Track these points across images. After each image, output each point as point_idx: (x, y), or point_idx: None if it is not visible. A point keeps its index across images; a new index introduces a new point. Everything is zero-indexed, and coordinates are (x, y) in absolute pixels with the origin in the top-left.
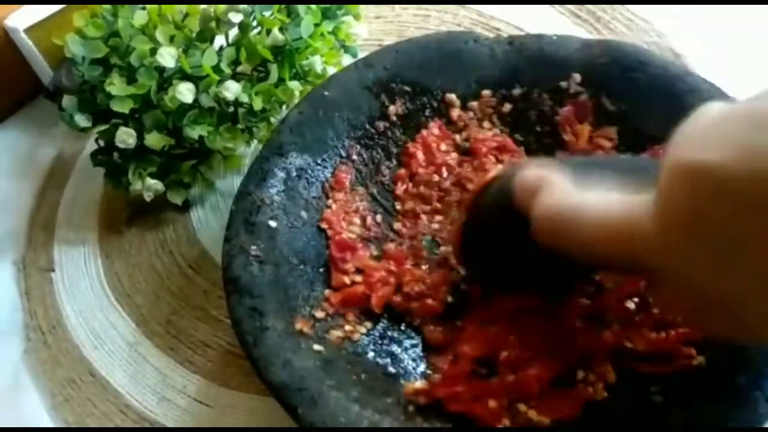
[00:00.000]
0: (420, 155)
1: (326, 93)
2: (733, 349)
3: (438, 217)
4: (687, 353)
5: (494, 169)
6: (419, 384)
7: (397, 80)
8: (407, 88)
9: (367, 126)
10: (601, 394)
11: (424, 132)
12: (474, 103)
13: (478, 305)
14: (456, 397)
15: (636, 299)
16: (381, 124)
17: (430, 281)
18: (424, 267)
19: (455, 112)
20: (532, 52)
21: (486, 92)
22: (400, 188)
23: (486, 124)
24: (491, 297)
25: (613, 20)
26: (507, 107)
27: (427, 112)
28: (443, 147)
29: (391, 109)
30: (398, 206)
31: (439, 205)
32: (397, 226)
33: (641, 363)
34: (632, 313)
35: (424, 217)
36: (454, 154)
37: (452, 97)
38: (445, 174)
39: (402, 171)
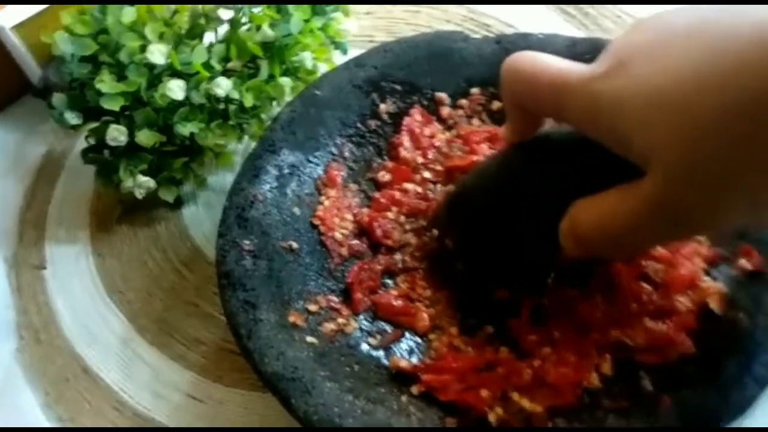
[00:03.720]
0: (406, 142)
1: (318, 92)
2: (724, 335)
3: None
4: (682, 341)
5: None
6: (405, 363)
7: (387, 79)
8: (397, 87)
9: (359, 124)
10: (594, 382)
11: (407, 119)
12: (463, 101)
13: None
14: (445, 385)
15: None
16: (372, 123)
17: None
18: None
19: (445, 110)
20: (519, 50)
21: (475, 90)
22: (384, 177)
23: (475, 121)
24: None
25: (602, 17)
26: (496, 104)
27: None
28: (427, 131)
29: (382, 107)
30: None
31: (420, 189)
32: None
33: (639, 353)
34: (648, 293)
35: None
36: (441, 136)
37: (442, 95)
38: (431, 156)
39: (388, 163)
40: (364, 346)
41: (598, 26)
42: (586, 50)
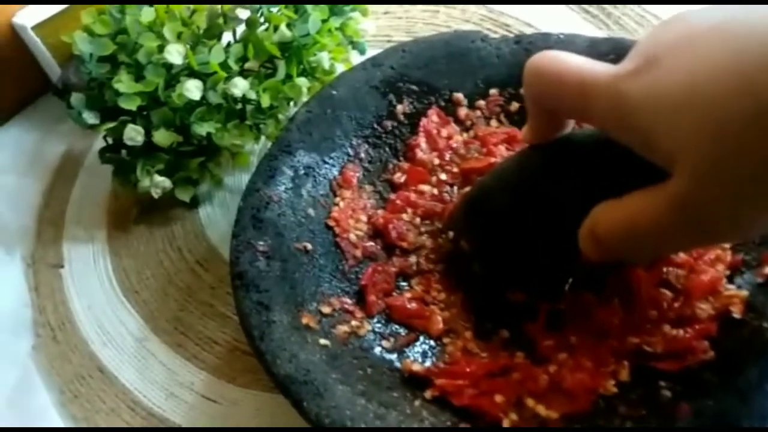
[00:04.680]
0: (423, 143)
1: (334, 92)
2: (745, 342)
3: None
4: (702, 348)
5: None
6: (417, 366)
7: (404, 79)
8: (414, 88)
9: (375, 125)
10: (611, 389)
11: (424, 120)
12: (481, 102)
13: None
14: (459, 390)
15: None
16: (389, 123)
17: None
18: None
19: (462, 111)
20: (539, 50)
21: (493, 91)
22: (400, 178)
23: (493, 122)
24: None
25: (624, 16)
26: (514, 106)
27: None
28: (444, 133)
29: (399, 108)
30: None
31: (436, 191)
32: None
33: (658, 360)
34: (668, 300)
35: None
36: (459, 137)
37: (459, 96)
38: (447, 157)
39: (404, 164)
40: (377, 349)
41: (621, 26)
42: (607, 50)
